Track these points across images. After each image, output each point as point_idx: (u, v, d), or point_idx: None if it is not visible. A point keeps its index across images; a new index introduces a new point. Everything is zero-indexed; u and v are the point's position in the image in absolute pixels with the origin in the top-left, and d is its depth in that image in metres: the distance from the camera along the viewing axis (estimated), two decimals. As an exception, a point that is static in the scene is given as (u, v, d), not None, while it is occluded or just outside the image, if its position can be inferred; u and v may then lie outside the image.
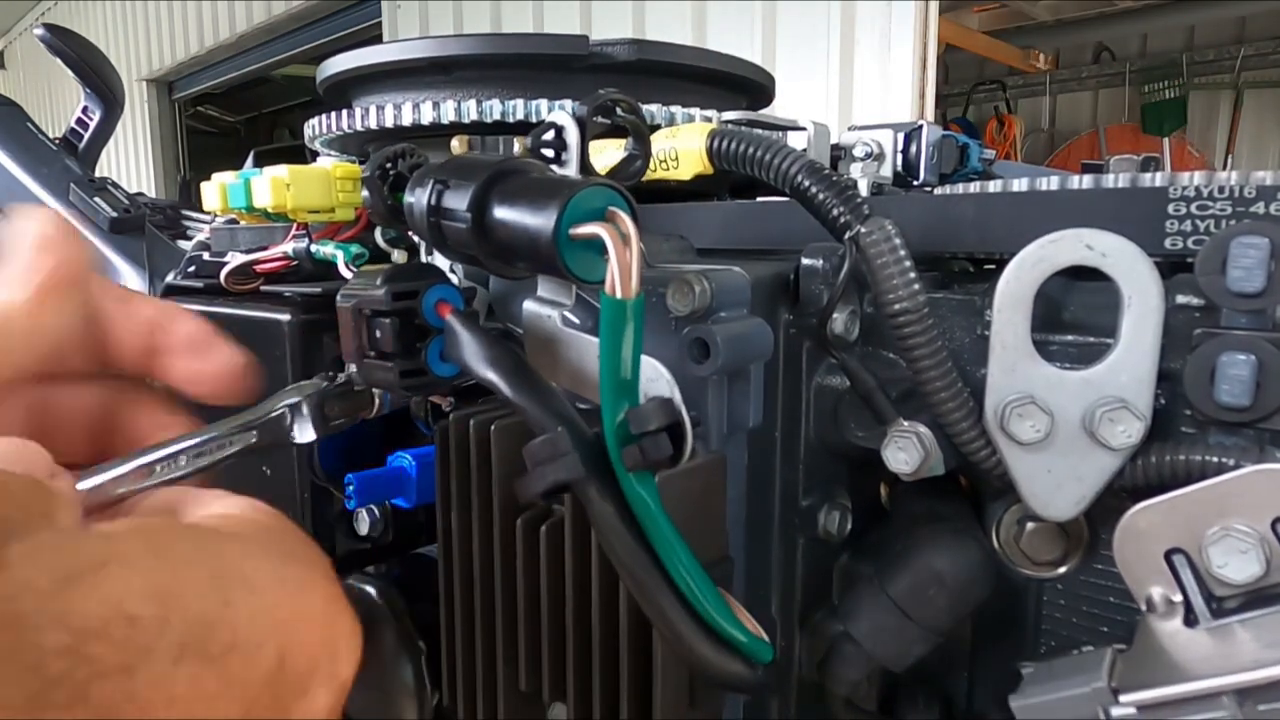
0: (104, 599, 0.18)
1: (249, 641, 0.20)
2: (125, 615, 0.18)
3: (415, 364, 0.33)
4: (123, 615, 0.18)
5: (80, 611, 0.18)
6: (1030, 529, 0.42)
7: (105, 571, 0.19)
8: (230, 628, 0.20)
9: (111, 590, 0.19)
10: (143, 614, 0.19)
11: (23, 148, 1.02)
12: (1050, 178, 0.43)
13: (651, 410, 0.27)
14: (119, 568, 0.19)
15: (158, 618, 0.19)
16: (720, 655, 0.27)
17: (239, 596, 0.20)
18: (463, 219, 0.30)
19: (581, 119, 0.32)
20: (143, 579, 0.19)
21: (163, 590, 0.19)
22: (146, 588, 0.19)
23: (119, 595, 0.19)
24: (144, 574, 0.19)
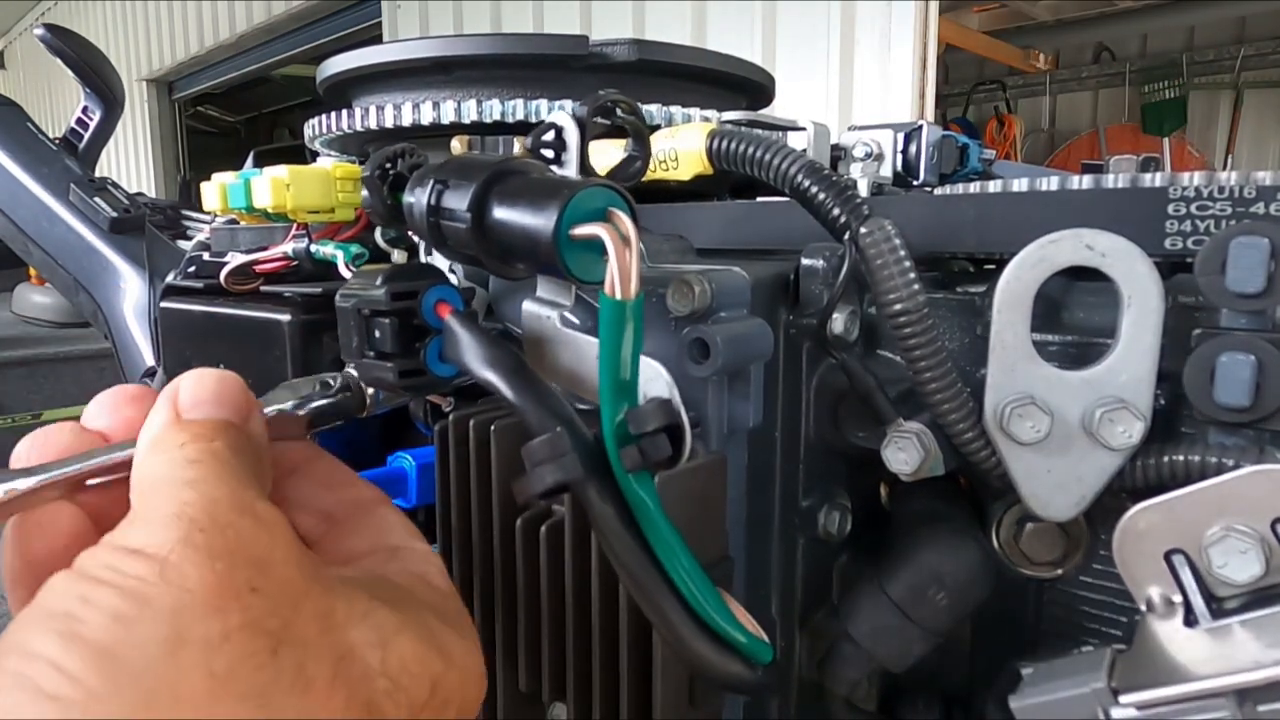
0: (401, 659, 0.24)
1: (450, 700, 0.26)
2: (410, 672, 0.24)
3: (414, 364, 0.33)
4: (409, 672, 0.24)
5: (392, 666, 0.24)
6: (1030, 529, 0.42)
7: (400, 638, 0.25)
8: (445, 690, 0.26)
9: (403, 653, 0.25)
10: (416, 673, 0.25)
11: (23, 148, 1.02)
12: (1050, 178, 0.43)
13: (651, 411, 0.27)
14: (407, 637, 0.25)
15: (419, 675, 0.25)
16: (720, 655, 0.27)
17: (450, 668, 0.26)
18: (462, 219, 0.30)
19: (581, 119, 0.32)
20: (414, 648, 0.25)
21: (421, 657, 0.25)
22: (415, 654, 0.25)
23: (407, 658, 0.25)
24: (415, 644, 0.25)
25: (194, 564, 0.21)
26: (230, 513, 0.23)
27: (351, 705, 0.22)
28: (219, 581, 0.21)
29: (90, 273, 0.97)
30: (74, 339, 2.17)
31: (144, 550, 0.22)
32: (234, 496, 0.24)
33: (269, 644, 0.21)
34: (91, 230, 0.97)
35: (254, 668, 0.21)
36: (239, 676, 0.21)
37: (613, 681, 0.34)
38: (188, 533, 0.22)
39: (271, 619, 0.22)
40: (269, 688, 0.21)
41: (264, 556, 0.23)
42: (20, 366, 2.12)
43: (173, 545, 0.22)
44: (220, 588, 0.21)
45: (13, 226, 1.01)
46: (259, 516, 0.24)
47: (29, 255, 1.02)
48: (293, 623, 0.22)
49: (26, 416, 2.14)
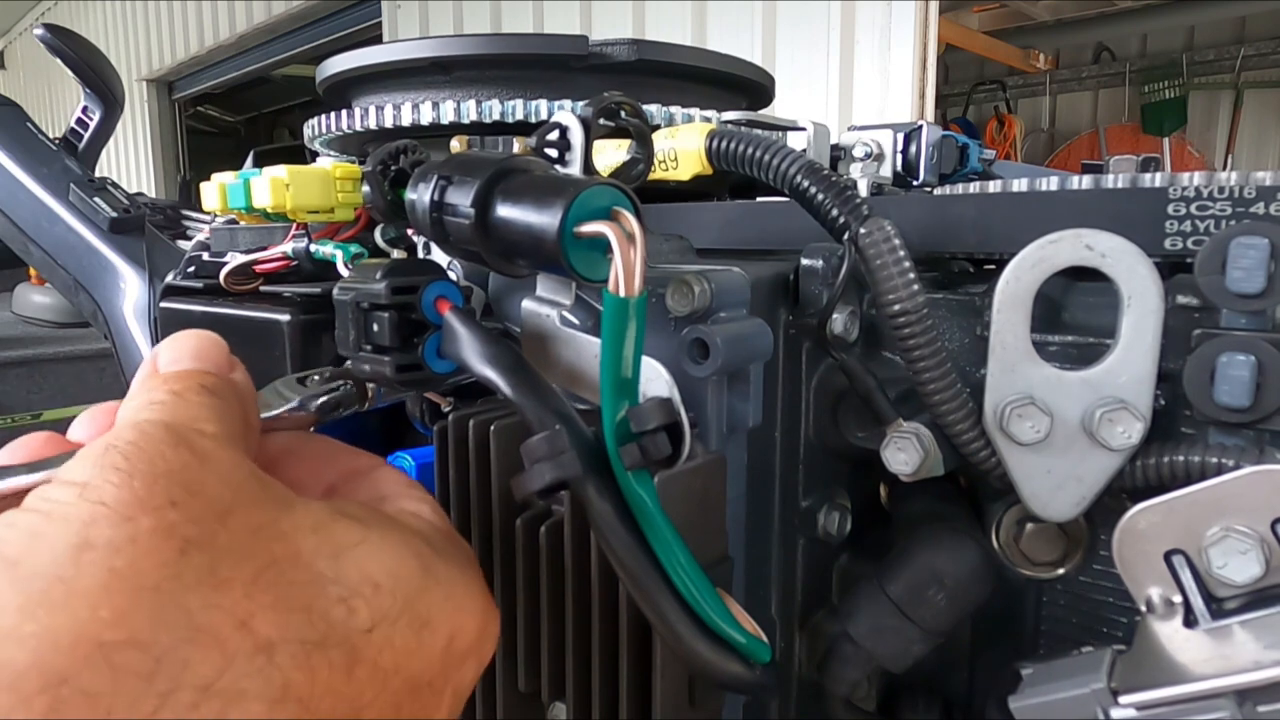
0: (361, 569, 0.24)
1: (434, 620, 0.26)
2: (373, 583, 0.24)
3: (412, 359, 0.33)
4: (371, 583, 0.24)
5: (349, 574, 0.24)
6: (1030, 530, 0.42)
7: (361, 548, 0.25)
8: (426, 607, 0.25)
9: (366, 564, 0.25)
10: (382, 585, 0.24)
11: (23, 148, 1.02)
12: (1050, 178, 0.43)
13: (651, 410, 0.27)
14: (369, 548, 0.25)
15: (390, 590, 0.25)
16: (719, 655, 0.27)
17: (432, 586, 0.26)
18: (466, 215, 0.30)
19: (586, 120, 0.32)
20: (383, 559, 0.25)
21: (392, 570, 0.25)
22: (385, 567, 0.25)
23: (370, 568, 0.25)
24: (384, 556, 0.25)
25: (112, 484, 0.22)
26: (160, 443, 0.23)
27: (280, 605, 0.22)
28: (134, 497, 0.22)
29: (90, 273, 0.97)
30: (74, 339, 2.17)
31: (69, 478, 0.22)
32: (169, 429, 0.24)
33: (177, 545, 0.21)
34: (91, 230, 0.97)
35: (155, 564, 0.21)
36: (139, 572, 0.21)
37: (612, 681, 0.34)
38: (111, 458, 0.23)
39: (188, 526, 0.22)
40: (169, 583, 0.21)
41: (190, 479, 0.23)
42: (20, 366, 2.12)
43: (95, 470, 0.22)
44: (135, 501, 0.22)
45: (13, 226, 1.01)
46: (193, 445, 0.24)
47: (29, 255, 1.02)
48: (215, 532, 0.22)
49: (26, 416, 2.14)
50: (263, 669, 0.21)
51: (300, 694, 0.21)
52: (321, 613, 0.23)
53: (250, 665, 0.21)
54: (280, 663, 0.21)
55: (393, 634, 0.24)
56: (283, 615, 0.22)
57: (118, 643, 0.20)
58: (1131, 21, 4.36)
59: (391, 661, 0.24)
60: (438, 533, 0.29)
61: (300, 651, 0.22)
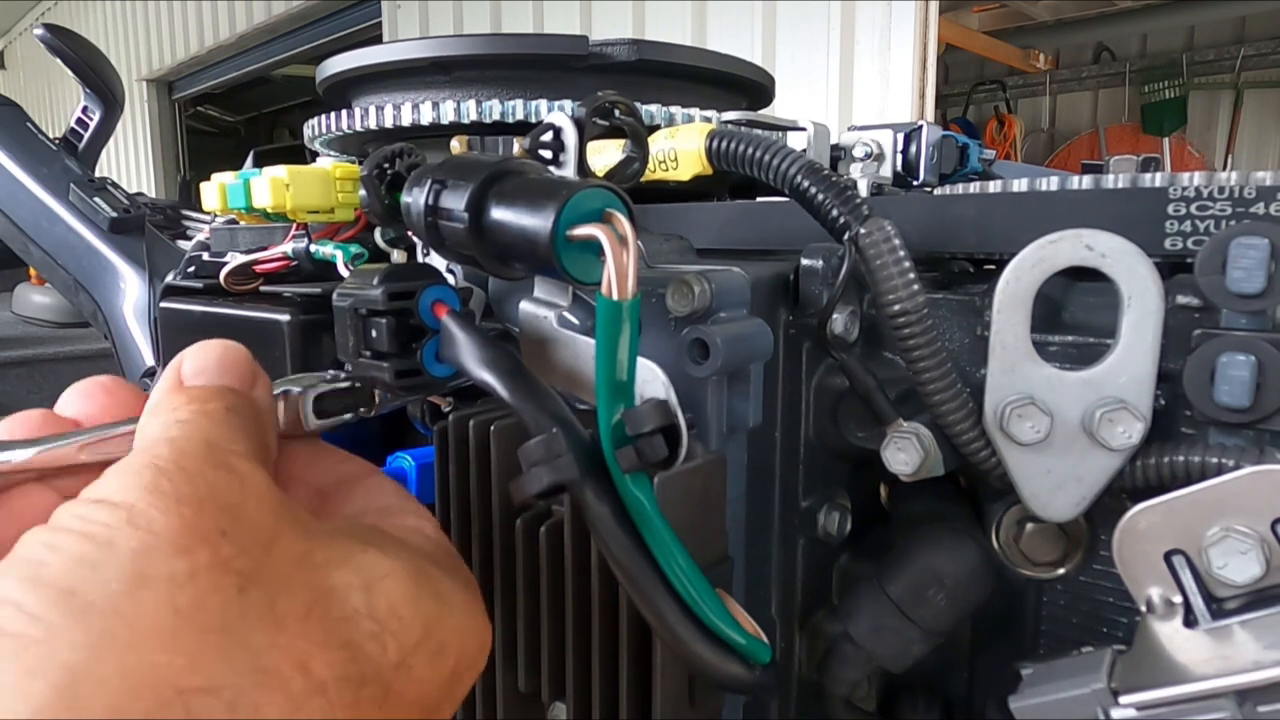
0: (389, 602, 0.24)
1: (446, 646, 0.26)
2: (398, 616, 0.24)
3: (410, 364, 0.33)
4: (397, 616, 0.24)
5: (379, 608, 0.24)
6: (1030, 530, 0.41)
7: (387, 581, 0.25)
8: (440, 635, 0.25)
9: (392, 597, 0.25)
10: (405, 616, 0.25)
11: (23, 148, 1.02)
12: (1050, 178, 0.43)
13: (647, 412, 0.27)
14: (394, 580, 0.25)
15: (410, 620, 0.25)
16: (718, 656, 0.27)
17: (445, 613, 0.26)
18: (460, 219, 0.29)
19: (580, 120, 0.32)
20: (405, 591, 0.25)
21: (413, 601, 0.25)
22: (408, 599, 0.25)
23: (396, 601, 0.25)
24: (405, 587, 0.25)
25: (160, 509, 0.21)
26: (202, 464, 0.23)
27: (329, 643, 0.22)
28: (185, 525, 0.21)
29: (90, 273, 0.97)
30: (74, 339, 2.17)
31: (110, 499, 0.22)
32: (209, 449, 0.24)
33: (236, 582, 0.21)
34: (91, 230, 0.97)
35: (220, 603, 0.21)
36: (204, 611, 0.20)
37: (612, 681, 0.34)
38: (155, 480, 0.22)
39: (241, 559, 0.22)
40: (235, 623, 0.21)
41: (235, 504, 0.23)
42: (20, 366, 2.12)
43: (140, 492, 0.22)
44: (186, 530, 0.21)
45: (13, 226, 1.01)
46: (233, 468, 0.24)
47: (29, 255, 1.02)
48: (264, 564, 0.22)
49: (26, 417, 2.13)
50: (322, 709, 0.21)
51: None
52: (360, 649, 0.23)
53: (311, 705, 0.21)
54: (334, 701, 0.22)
55: (414, 665, 0.24)
56: (331, 654, 0.22)
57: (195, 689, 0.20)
58: (1131, 21, 4.36)
59: (414, 693, 0.24)
60: (442, 552, 0.29)
61: (348, 690, 0.22)
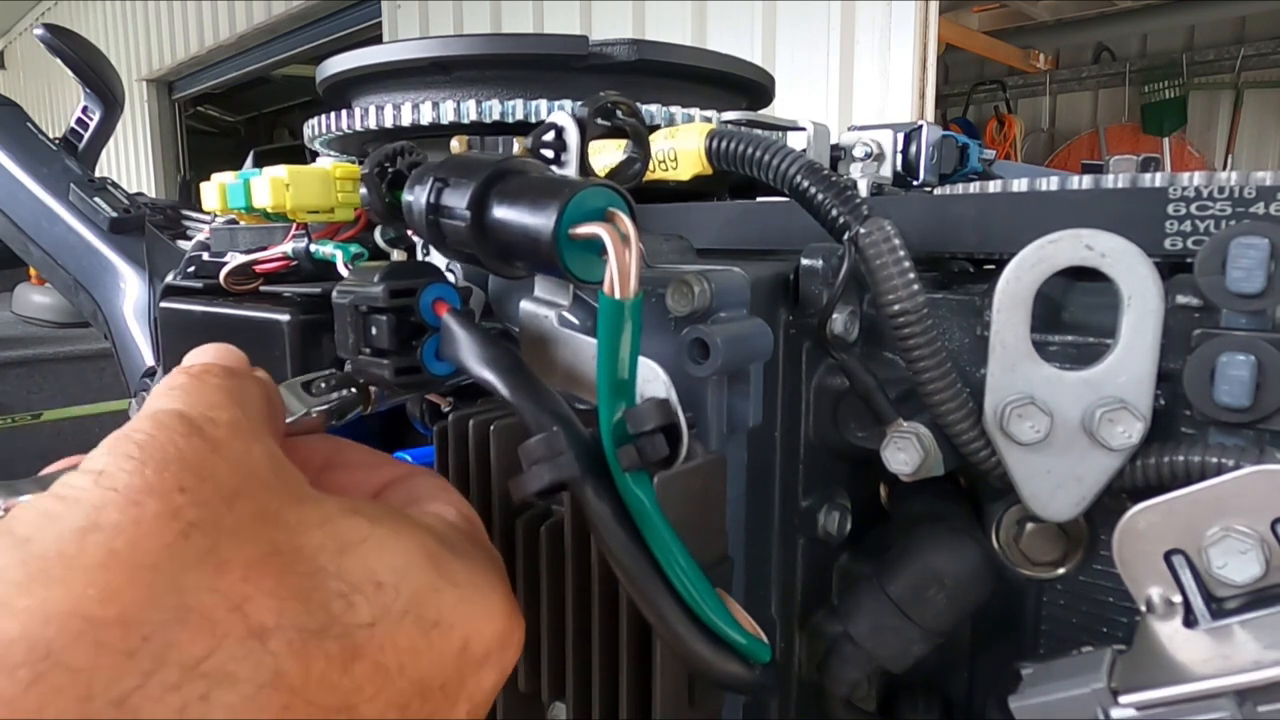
0: (365, 565, 0.24)
1: (447, 622, 0.25)
2: (375, 580, 0.24)
3: (410, 361, 0.33)
4: (373, 580, 0.24)
5: (351, 570, 0.24)
6: (1030, 529, 0.41)
7: (366, 544, 0.25)
8: (436, 608, 0.25)
9: (369, 561, 0.25)
10: (385, 582, 0.24)
11: (23, 148, 1.02)
12: (1050, 178, 0.43)
13: (648, 411, 0.27)
14: (375, 545, 0.25)
15: (394, 587, 0.24)
16: (718, 656, 0.27)
17: (445, 586, 0.26)
18: (462, 217, 0.29)
19: (582, 120, 0.32)
20: (388, 556, 0.25)
21: (399, 567, 0.25)
22: (389, 564, 0.25)
23: (373, 565, 0.25)
24: (389, 553, 0.25)
25: (125, 471, 0.22)
26: (173, 431, 0.24)
27: (280, 592, 0.22)
28: (144, 482, 0.22)
29: (90, 273, 0.97)
30: (74, 339, 2.17)
31: (89, 465, 0.23)
32: (184, 417, 0.24)
33: (180, 528, 0.22)
34: (91, 230, 0.97)
35: (157, 545, 0.21)
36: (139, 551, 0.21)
37: (612, 681, 0.34)
38: (125, 447, 0.23)
39: (194, 510, 0.22)
40: (167, 563, 0.21)
41: (200, 464, 0.23)
42: (20, 366, 2.12)
43: (113, 456, 0.23)
44: (144, 486, 0.22)
45: (13, 226, 1.01)
46: (206, 434, 0.24)
47: (29, 255, 1.02)
48: (220, 516, 0.23)
49: (26, 416, 2.14)
50: (253, 653, 0.21)
51: (291, 682, 0.21)
52: (320, 604, 0.23)
53: (241, 649, 0.21)
54: (274, 649, 0.21)
55: (396, 632, 0.24)
56: (280, 602, 0.22)
57: (105, 619, 0.20)
58: (1131, 21, 4.36)
59: (395, 660, 0.24)
60: (459, 534, 0.29)
61: (296, 639, 0.22)
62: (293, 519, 0.24)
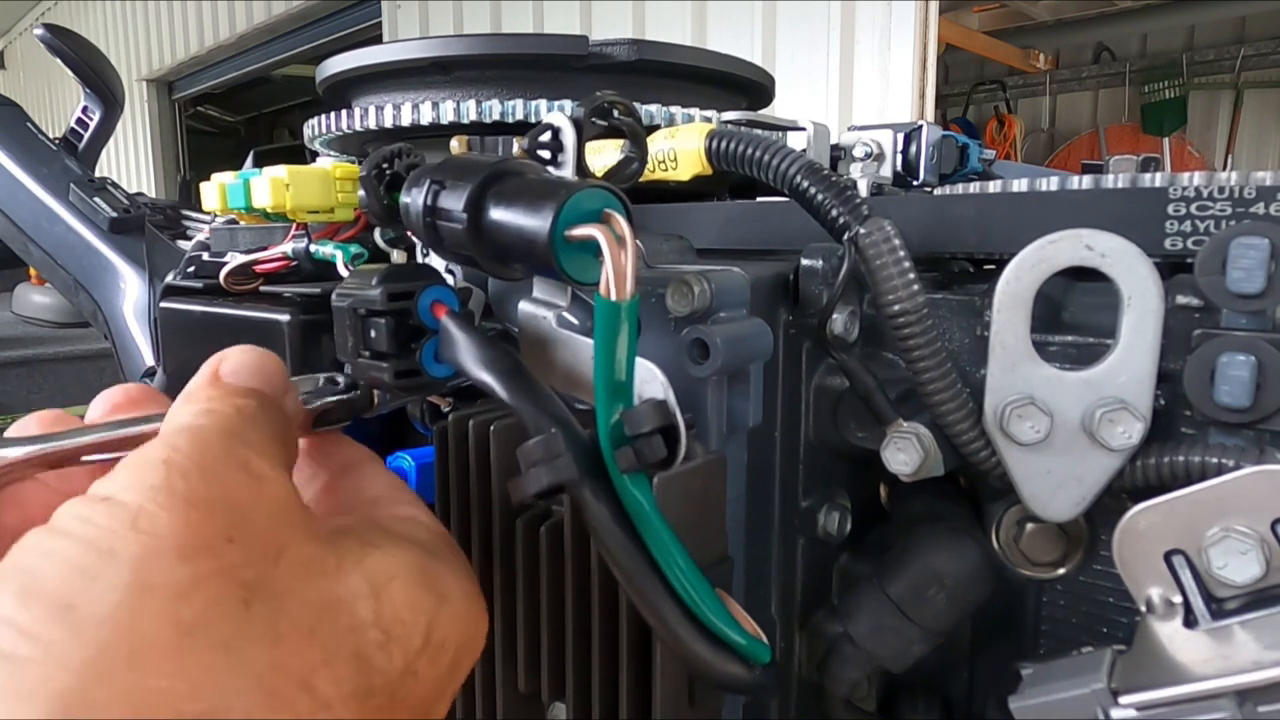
0: (393, 607, 0.24)
1: (446, 643, 0.26)
2: (400, 620, 0.24)
3: (409, 364, 0.33)
4: (400, 620, 0.24)
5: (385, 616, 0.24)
6: (1030, 530, 0.41)
7: (393, 584, 0.25)
8: (440, 632, 0.26)
9: (397, 601, 0.25)
10: (407, 620, 0.25)
11: (23, 148, 1.02)
12: (1050, 178, 0.43)
13: (646, 412, 0.27)
14: (398, 584, 0.25)
15: (412, 623, 0.25)
16: (718, 656, 0.27)
17: (441, 606, 0.26)
18: (458, 219, 0.29)
19: (578, 120, 0.32)
20: (406, 592, 0.25)
21: (413, 603, 0.25)
22: (408, 599, 0.25)
23: (400, 606, 0.25)
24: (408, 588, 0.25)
25: (168, 510, 0.21)
26: (219, 463, 0.23)
27: (335, 658, 0.22)
28: (190, 530, 0.21)
29: (90, 273, 0.97)
30: (74, 339, 2.17)
31: (117, 497, 0.21)
32: (229, 446, 0.24)
33: (241, 594, 0.21)
34: (91, 230, 0.97)
35: (223, 618, 0.20)
36: (207, 627, 0.20)
37: (612, 681, 0.34)
38: (169, 478, 0.21)
39: (247, 569, 0.21)
40: (238, 640, 0.20)
41: (246, 509, 0.22)
42: (20, 366, 2.12)
43: (150, 491, 0.21)
44: (192, 535, 0.20)
45: (13, 226, 1.01)
46: (250, 469, 0.23)
47: (29, 255, 1.02)
48: (270, 574, 0.22)
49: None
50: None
51: None
52: (368, 660, 0.23)
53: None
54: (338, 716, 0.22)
55: (418, 668, 0.24)
56: (336, 669, 0.22)
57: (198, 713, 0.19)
58: (1131, 21, 4.35)
59: (417, 695, 0.24)
60: (437, 540, 0.29)
61: (354, 702, 0.22)
62: (330, 565, 0.24)
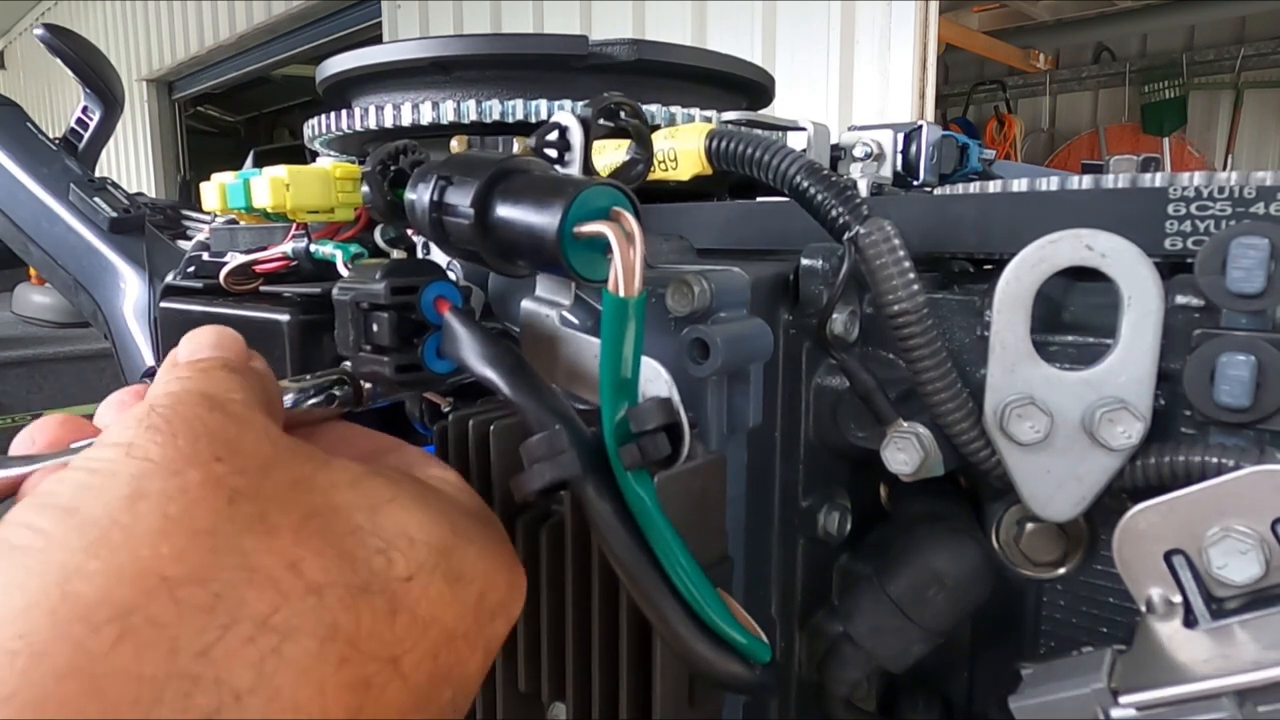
0: (396, 523, 0.26)
1: (467, 575, 0.26)
2: (408, 536, 0.25)
3: (411, 359, 0.33)
4: (406, 536, 0.25)
5: (385, 527, 0.25)
6: (1030, 530, 0.41)
7: (394, 504, 0.26)
8: (459, 562, 0.26)
9: (400, 518, 0.26)
10: (417, 538, 0.26)
11: (23, 148, 1.02)
12: (1050, 178, 0.43)
13: (650, 410, 0.27)
14: (401, 504, 0.26)
15: (425, 543, 0.26)
16: (718, 655, 0.27)
17: (461, 543, 0.27)
18: (465, 215, 0.30)
19: (586, 120, 0.32)
20: (415, 514, 0.26)
21: (424, 525, 0.26)
22: (418, 522, 0.26)
23: (405, 523, 0.26)
24: (417, 511, 0.26)
25: (156, 443, 0.23)
26: (197, 406, 0.25)
27: (326, 551, 0.23)
28: (179, 453, 0.23)
29: (90, 273, 0.97)
30: (74, 339, 2.17)
31: (111, 439, 0.23)
32: (204, 393, 0.25)
33: (226, 495, 0.23)
34: (91, 230, 0.97)
35: (209, 511, 0.22)
36: (194, 517, 0.22)
37: (612, 681, 0.34)
38: (151, 420, 0.24)
39: (234, 477, 0.23)
40: (224, 526, 0.22)
41: (231, 437, 0.24)
42: (20, 366, 2.12)
43: (138, 430, 0.23)
44: (181, 456, 0.23)
45: (13, 226, 1.01)
46: (229, 411, 0.25)
47: (29, 255, 1.02)
48: (259, 483, 0.24)
49: (26, 417, 2.14)
50: (314, 608, 0.22)
51: (348, 634, 0.22)
52: (364, 560, 0.24)
53: (303, 604, 0.22)
54: (329, 604, 0.22)
55: (429, 585, 0.25)
56: (329, 561, 0.23)
57: (180, 578, 0.21)
58: (1131, 21, 4.35)
59: (428, 611, 0.25)
60: (465, 495, 0.30)
61: (346, 595, 0.23)
62: (324, 481, 0.25)
